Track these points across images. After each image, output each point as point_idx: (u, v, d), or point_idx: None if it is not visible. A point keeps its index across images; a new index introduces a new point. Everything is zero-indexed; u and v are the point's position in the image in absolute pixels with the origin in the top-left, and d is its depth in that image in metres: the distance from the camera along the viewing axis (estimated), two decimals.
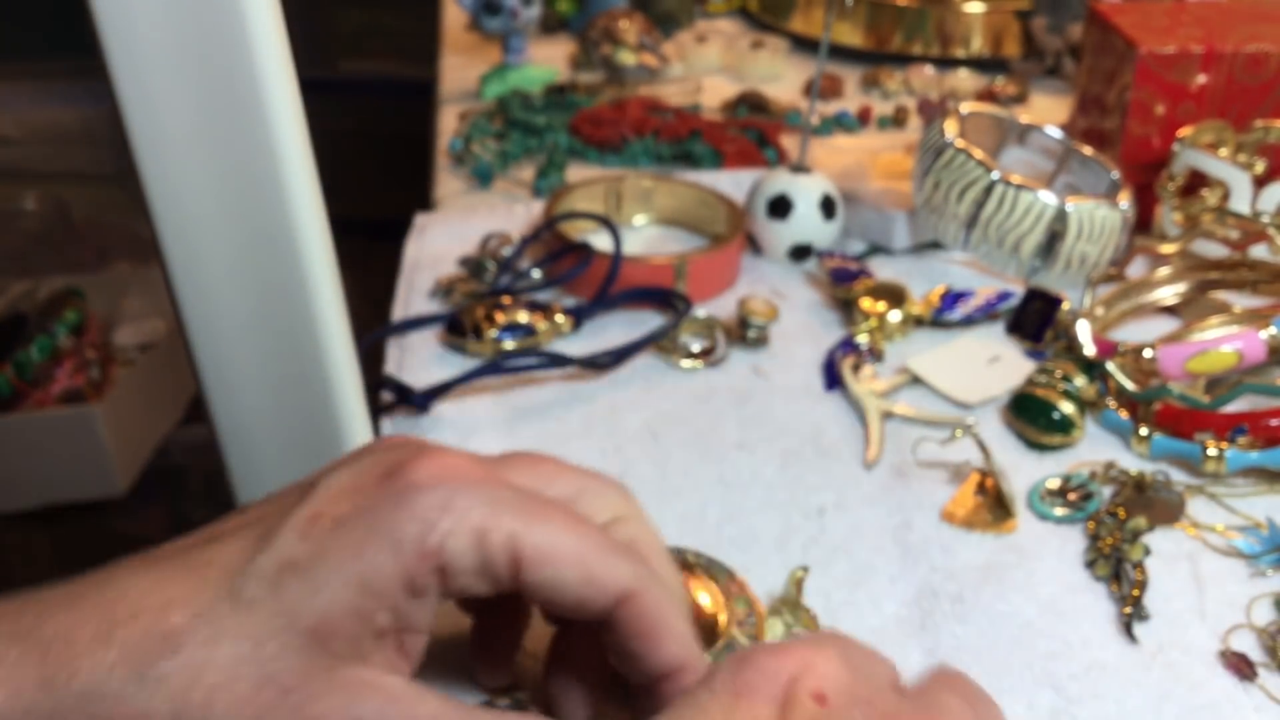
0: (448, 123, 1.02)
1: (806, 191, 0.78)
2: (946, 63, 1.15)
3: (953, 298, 0.73)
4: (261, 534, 0.32)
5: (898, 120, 1.04)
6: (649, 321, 0.73)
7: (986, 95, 1.08)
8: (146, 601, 0.30)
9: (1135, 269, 0.76)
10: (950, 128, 0.76)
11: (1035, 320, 0.70)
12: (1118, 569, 0.53)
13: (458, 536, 0.31)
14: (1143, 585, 0.52)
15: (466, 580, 0.32)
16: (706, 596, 0.47)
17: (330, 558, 0.31)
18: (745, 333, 0.71)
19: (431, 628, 0.33)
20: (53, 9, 2.10)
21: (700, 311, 0.73)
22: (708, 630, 0.45)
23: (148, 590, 0.30)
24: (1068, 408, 0.62)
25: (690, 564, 0.49)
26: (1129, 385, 0.62)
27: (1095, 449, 0.62)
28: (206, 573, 0.31)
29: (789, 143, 0.98)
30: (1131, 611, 0.50)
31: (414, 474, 0.32)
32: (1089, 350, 0.65)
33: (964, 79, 1.11)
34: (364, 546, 0.31)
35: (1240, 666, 0.48)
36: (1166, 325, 0.72)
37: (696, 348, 0.70)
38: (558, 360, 0.65)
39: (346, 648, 0.30)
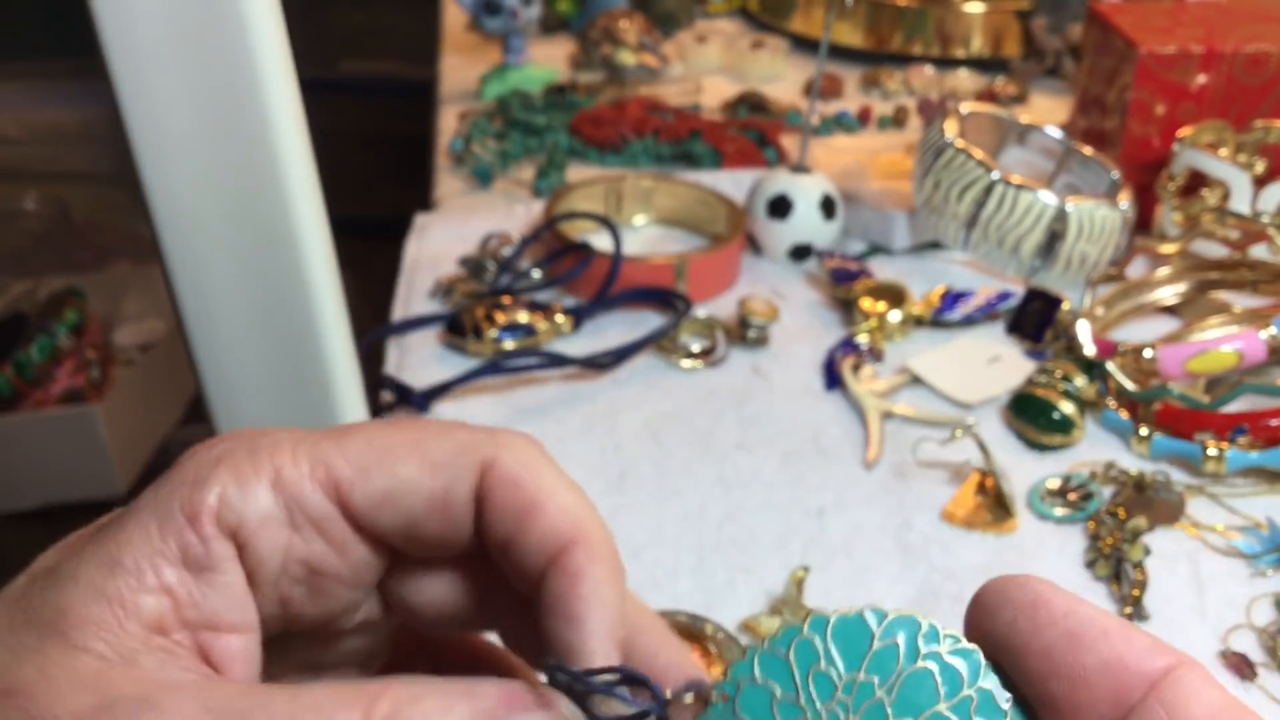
0: (448, 123, 1.02)
1: (806, 191, 0.78)
2: (946, 63, 1.15)
3: (953, 298, 0.72)
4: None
5: (898, 120, 1.04)
6: (649, 321, 0.73)
7: (986, 95, 1.08)
8: None
9: (1135, 269, 0.76)
10: (950, 128, 0.76)
11: (1035, 320, 0.70)
12: (1118, 569, 0.53)
13: (244, 483, 0.24)
14: (1143, 585, 0.51)
15: (277, 538, 0.24)
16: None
17: (85, 550, 0.24)
18: (745, 333, 0.71)
19: (254, 622, 0.25)
20: (53, 9, 2.10)
21: (700, 311, 0.73)
22: None
23: None
24: (1068, 408, 0.62)
25: (708, 636, 0.48)
26: (1129, 385, 0.62)
27: (1095, 449, 0.62)
28: None
29: (789, 143, 0.98)
30: (1131, 611, 0.50)
31: (187, 452, 0.25)
32: (1089, 350, 0.65)
33: (964, 79, 1.11)
34: (120, 527, 0.24)
35: (1240, 666, 0.48)
36: (1166, 325, 0.72)
37: (696, 348, 0.70)
38: (558, 360, 0.65)
39: (105, 645, 0.23)
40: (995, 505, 0.57)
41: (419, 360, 0.69)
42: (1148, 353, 0.64)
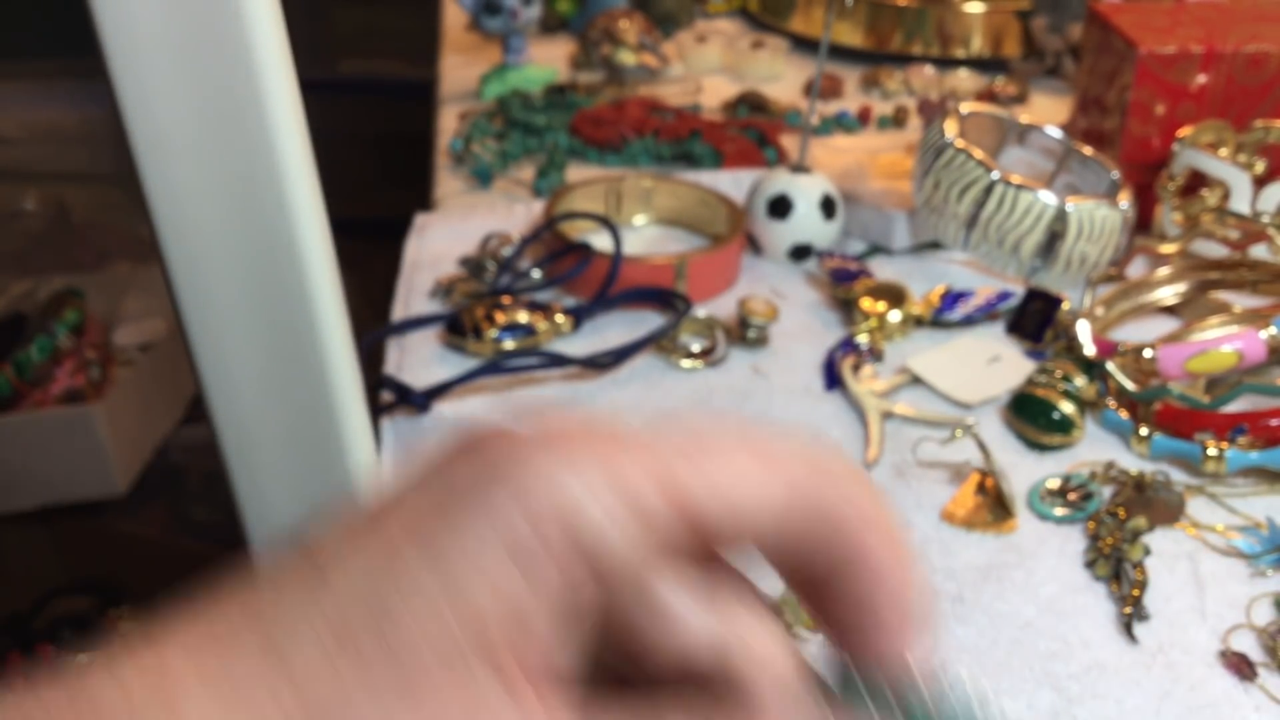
0: (448, 123, 1.02)
1: (806, 191, 0.78)
2: (946, 63, 1.15)
3: (953, 298, 0.72)
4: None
5: (898, 120, 1.04)
6: (649, 321, 0.73)
7: (986, 95, 1.08)
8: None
9: (1135, 269, 0.76)
10: (950, 128, 0.76)
11: (1035, 320, 0.70)
12: (1118, 569, 0.53)
13: (592, 498, 0.21)
14: (1143, 585, 0.51)
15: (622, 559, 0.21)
16: None
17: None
18: (745, 333, 0.70)
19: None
20: (53, 9, 2.10)
21: (700, 311, 0.73)
22: None
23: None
24: (1068, 408, 0.62)
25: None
26: (1129, 385, 0.62)
27: (1095, 449, 0.62)
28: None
29: (789, 143, 0.98)
30: (1131, 611, 0.50)
31: (499, 447, 0.22)
32: (1089, 350, 0.65)
33: (964, 79, 1.11)
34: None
35: (1240, 666, 0.48)
36: (1166, 325, 0.72)
37: (696, 348, 0.70)
38: (558, 360, 0.65)
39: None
40: (995, 505, 0.57)
41: (419, 360, 0.69)
42: (1148, 353, 0.64)
